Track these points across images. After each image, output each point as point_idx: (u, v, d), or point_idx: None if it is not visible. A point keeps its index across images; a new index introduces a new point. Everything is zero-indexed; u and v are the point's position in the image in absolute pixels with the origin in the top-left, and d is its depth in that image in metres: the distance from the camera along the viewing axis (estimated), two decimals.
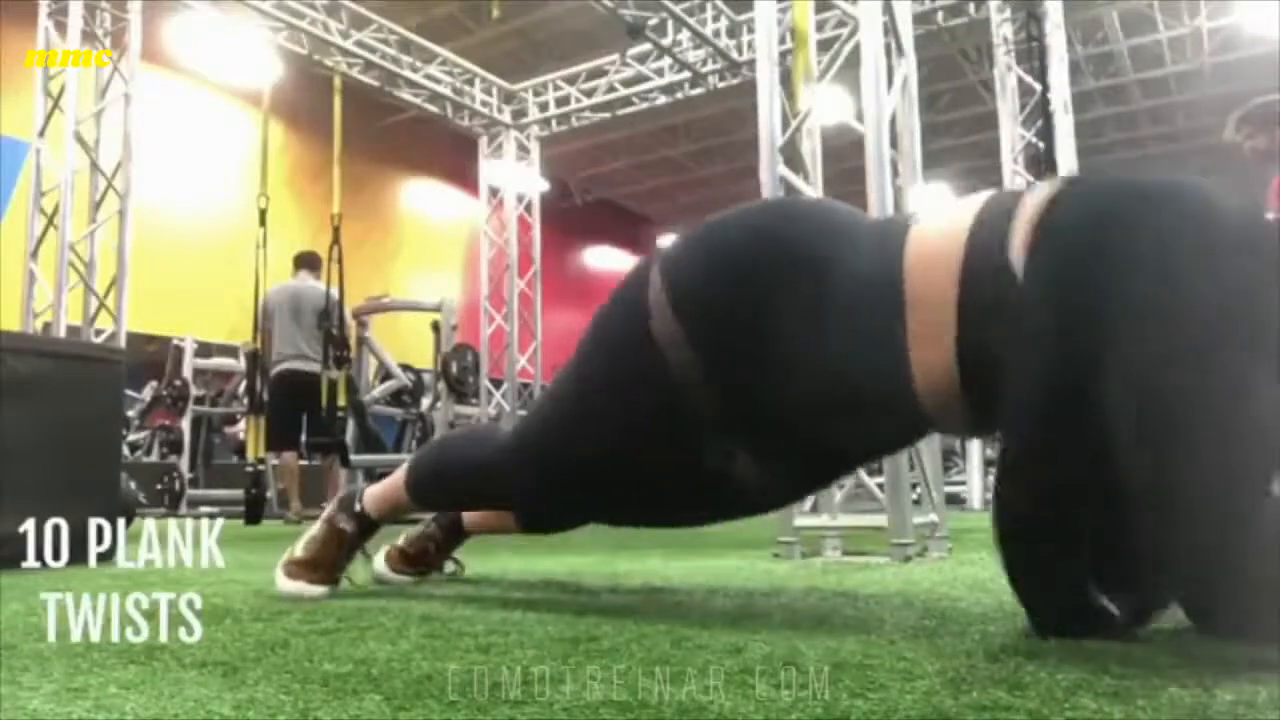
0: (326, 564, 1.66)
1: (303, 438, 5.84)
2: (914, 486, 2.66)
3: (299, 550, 1.67)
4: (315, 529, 1.70)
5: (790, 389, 1.25)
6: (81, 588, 1.24)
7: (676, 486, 1.46)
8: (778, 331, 1.24)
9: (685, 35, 7.55)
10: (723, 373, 1.28)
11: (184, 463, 7.64)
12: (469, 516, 1.86)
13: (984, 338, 1.11)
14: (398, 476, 1.67)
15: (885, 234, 1.26)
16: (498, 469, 1.53)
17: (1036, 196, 1.13)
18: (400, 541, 1.89)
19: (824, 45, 3.39)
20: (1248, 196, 1.09)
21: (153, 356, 8.45)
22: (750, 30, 7.29)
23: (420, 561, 1.88)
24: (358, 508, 1.69)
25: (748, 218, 1.40)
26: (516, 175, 8.86)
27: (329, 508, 1.72)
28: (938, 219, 1.23)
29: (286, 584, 1.64)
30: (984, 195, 1.22)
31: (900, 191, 2.80)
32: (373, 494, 1.70)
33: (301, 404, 5.68)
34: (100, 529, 2.85)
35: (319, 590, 1.63)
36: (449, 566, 1.93)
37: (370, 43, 7.53)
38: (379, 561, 1.84)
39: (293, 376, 5.72)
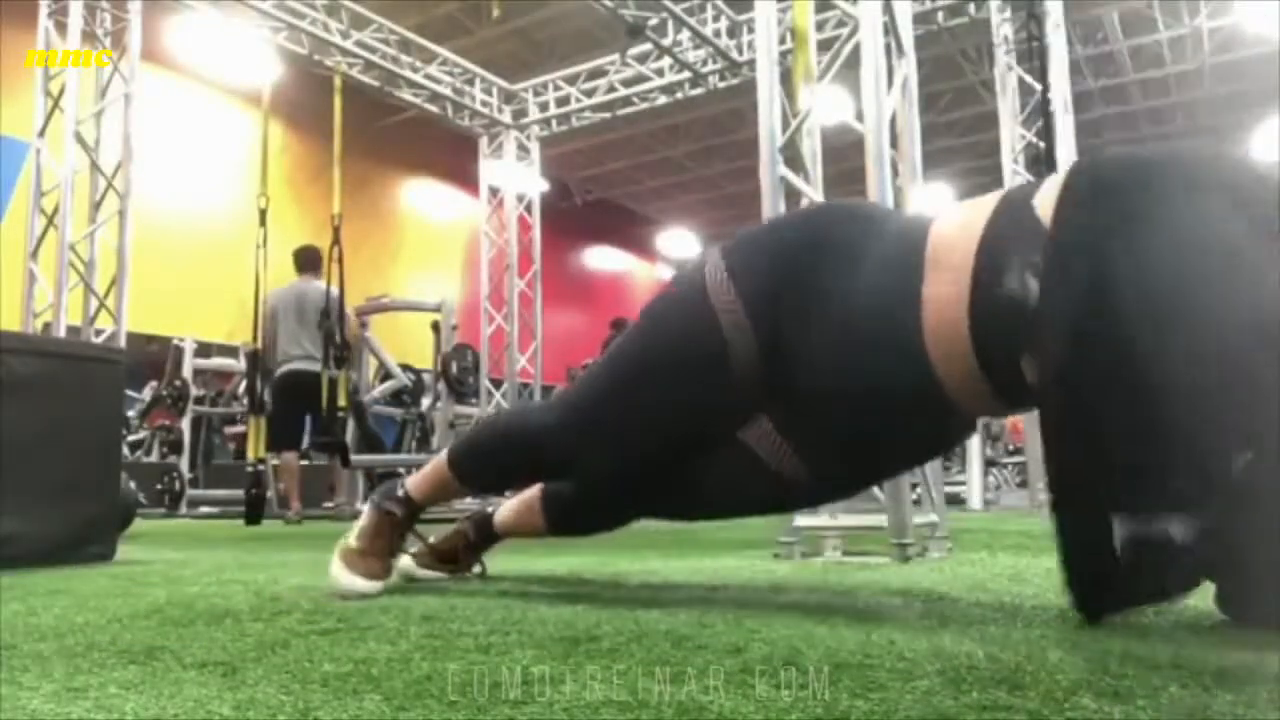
0: (380, 552, 1.69)
1: (306, 438, 5.85)
2: (914, 486, 2.66)
3: (353, 541, 1.69)
4: (364, 519, 1.73)
5: (826, 362, 1.31)
6: (81, 588, 1.24)
7: (717, 468, 1.50)
8: (816, 304, 1.32)
9: (685, 35, 7.55)
10: (773, 341, 1.34)
11: (184, 463, 7.64)
12: (500, 518, 1.88)
13: (1001, 302, 1.15)
14: (439, 459, 1.72)
15: (915, 218, 1.37)
16: (544, 435, 1.57)
17: (1063, 171, 1.21)
18: (431, 539, 1.91)
19: (824, 45, 3.38)
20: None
21: (153, 356, 8.45)
22: (750, 30, 7.29)
23: (450, 559, 1.90)
24: (400, 493, 1.72)
25: (798, 212, 1.57)
26: (516, 175, 8.86)
27: (371, 499, 1.77)
28: (967, 203, 1.31)
29: (344, 577, 1.64)
30: (1002, 190, 1.30)
31: (900, 191, 2.80)
32: (414, 479, 1.75)
33: (306, 404, 5.69)
34: (100, 529, 2.87)
35: (375, 586, 1.64)
36: (476, 568, 1.94)
37: (370, 43, 7.53)
38: (405, 560, 1.85)
39: (297, 377, 5.73)
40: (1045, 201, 1.16)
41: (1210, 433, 1.00)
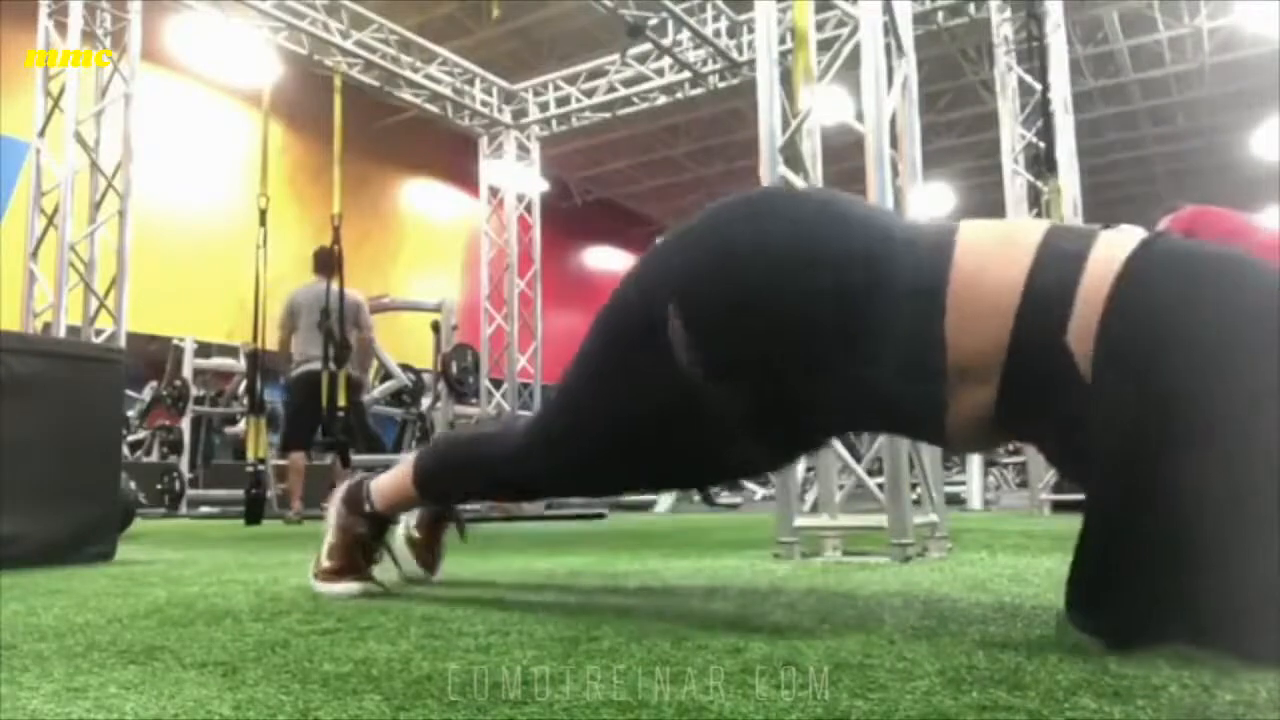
0: (357, 567, 1.69)
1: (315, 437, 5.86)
2: (914, 486, 2.66)
3: (325, 561, 1.70)
4: (332, 538, 1.71)
5: (807, 398, 1.25)
6: (81, 588, 1.24)
7: (680, 468, 1.50)
8: (797, 347, 1.21)
9: (685, 35, 7.56)
10: (733, 376, 1.26)
11: (184, 463, 7.64)
12: None
13: (1030, 399, 1.12)
14: (404, 473, 1.68)
15: (921, 255, 1.18)
16: (509, 466, 1.55)
17: (1100, 271, 1.06)
18: (418, 535, 1.89)
19: (824, 45, 3.39)
20: None
21: (153, 356, 8.45)
22: (750, 30, 7.29)
23: (437, 545, 1.90)
24: (368, 508, 1.70)
25: (781, 206, 1.33)
26: (516, 175, 8.87)
27: (337, 513, 1.72)
28: (986, 248, 1.16)
29: (328, 587, 1.67)
30: (1038, 233, 1.14)
31: (900, 191, 2.80)
32: (380, 491, 1.71)
33: (321, 404, 5.70)
34: (99, 529, 2.87)
35: (359, 586, 1.66)
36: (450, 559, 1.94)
37: (370, 43, 7.54)
38: (410, 564, 1.86)
39: (317, 377, 5.72)
40: (1080, 336, 1.05)
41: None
